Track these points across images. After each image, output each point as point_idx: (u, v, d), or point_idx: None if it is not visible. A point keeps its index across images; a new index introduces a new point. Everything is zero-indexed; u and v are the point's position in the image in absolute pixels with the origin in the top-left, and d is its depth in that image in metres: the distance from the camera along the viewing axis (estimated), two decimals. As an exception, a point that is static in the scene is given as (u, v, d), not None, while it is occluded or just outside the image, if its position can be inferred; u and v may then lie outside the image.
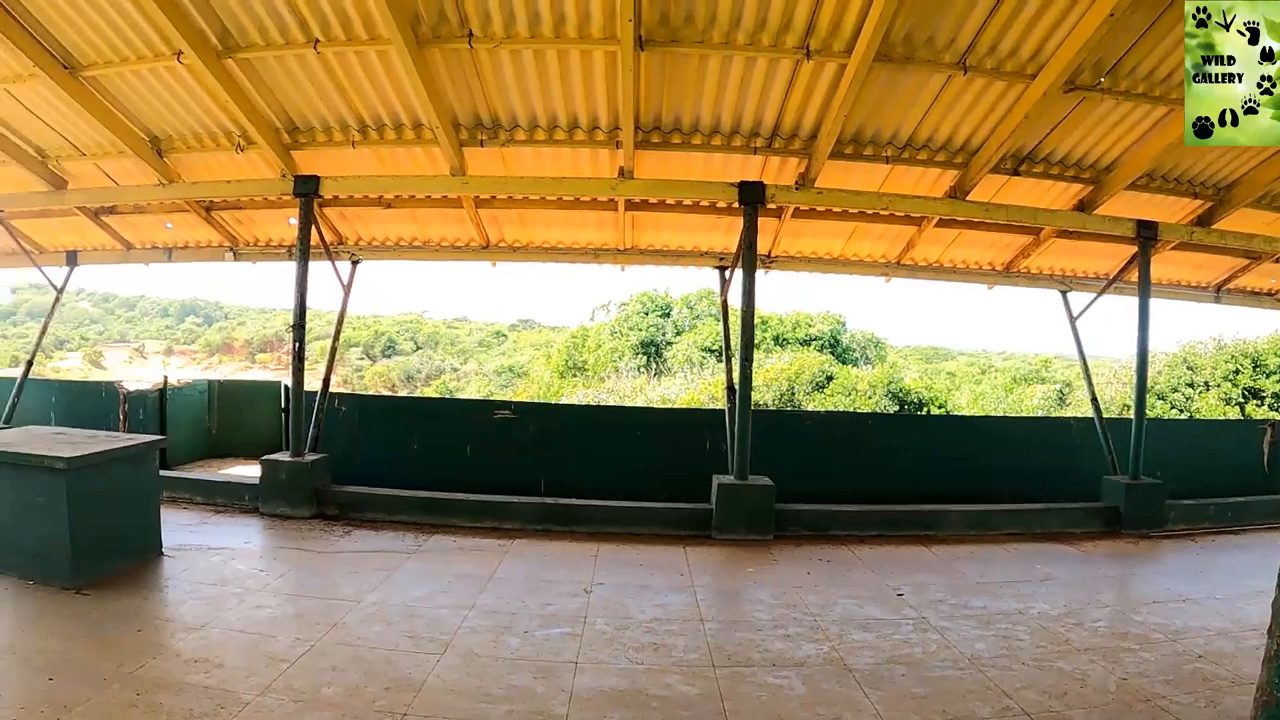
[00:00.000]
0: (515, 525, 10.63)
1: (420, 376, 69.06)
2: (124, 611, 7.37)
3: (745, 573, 9.13)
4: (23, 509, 8.08)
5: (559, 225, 12.80)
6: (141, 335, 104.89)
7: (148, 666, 6.12)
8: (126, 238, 14.69)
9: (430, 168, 11.29)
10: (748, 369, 10.64)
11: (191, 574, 8.44)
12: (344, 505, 11.10)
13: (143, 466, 8.92)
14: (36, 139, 12.40)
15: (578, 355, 46.61)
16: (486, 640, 6.82)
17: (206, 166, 12.06)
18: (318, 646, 6.58)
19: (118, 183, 12.78)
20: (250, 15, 9.27)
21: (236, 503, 11.42)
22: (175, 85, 10.57)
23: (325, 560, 9.19)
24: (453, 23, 9.06)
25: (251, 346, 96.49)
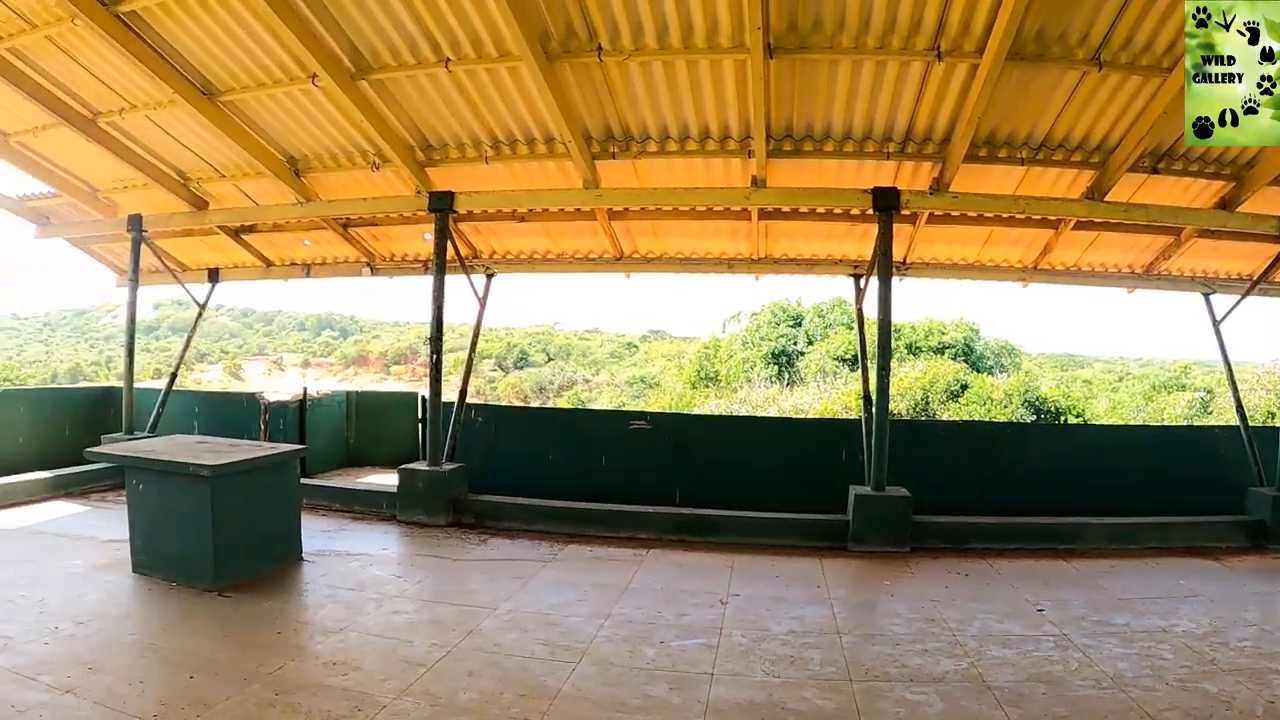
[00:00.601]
0: (650, 535, 10.61)
1: (552, 388, 69.48)
2: (264, 614, 7.58)
3: (882, 585, 8.96)
4: (169, 514, 8.40)
5: (692, 235, 12.77)
6: (279, 348, 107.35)
7: (287, 667, 6.26)
8: (266, 255, 15.15)
9: (563, 181, 11.37)
10: (885, 378, 10.47)
11: (330, 579, 8.65)
12: (480, 514, 11.23)
13: (284, 474, 9.16)
14: (178, 162, 12.87)
15: (709, 366, 46.57)
16: (622, 650, 6.79)
17: (343, 185, 12.37)
18: (454, 652, 6.63)
19: (257, 202, 13.20)
20: (382, 38, 9.46)
21: (374, 510, 11.67)
22: (311, 107, 10.86)
23: (461, 568, 9.30)
24: (581, 37, 9.10)
25: (386, 359, 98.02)
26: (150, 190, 13.51)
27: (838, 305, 44.75)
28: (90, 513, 11.84)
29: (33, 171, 13.71)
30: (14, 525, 10.91)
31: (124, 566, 8.88)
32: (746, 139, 10.32)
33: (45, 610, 7.51)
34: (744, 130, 10.26)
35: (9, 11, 10.02)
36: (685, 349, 67.51)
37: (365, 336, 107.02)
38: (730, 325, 50.87)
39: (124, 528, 9.44)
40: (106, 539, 10.08)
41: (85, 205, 14.51)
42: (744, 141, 10.39)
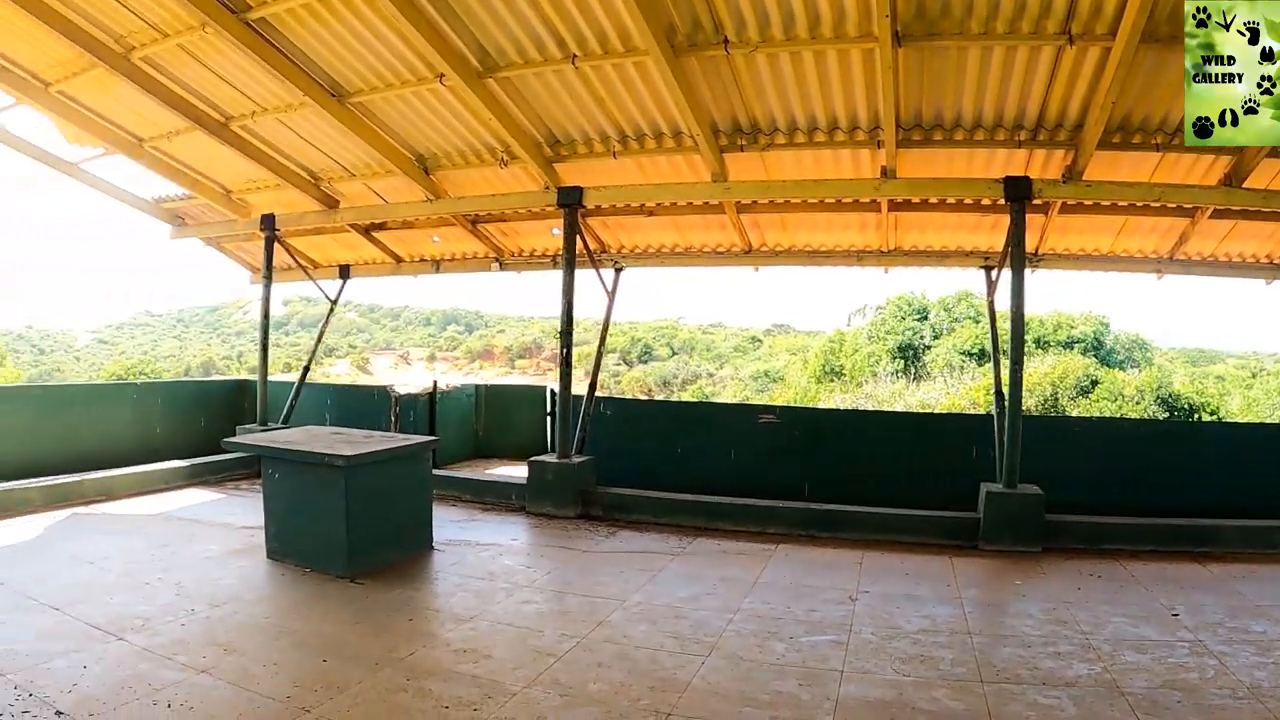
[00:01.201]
0: (779, 530, 10.53)
1: (676, 381, 69.38)
2: (396, 601, 7.74)
3: (1013, 585, 8.74)
4: (304, 502, 8.66)
5: (821, 228, 12.60)
6: (406, 343, 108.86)
7: (418, 654, 6.37)
8: (396, 251, 15.43)
9: (691, 175, 11.34)
10: (1018, 373, 10.21)
11: (461, 568, 8.79)
12: (609, 506, 11.29)
13: (417, 465, 9.34)
14: (308, 163, 13.19)
15: (834, 360, 46.12)
16: (751, 644, 6.74)
17: (471, 182, 12.51)
18: (584, 643, 6.67)
19: (386, 200, 13.46)
20: (508, 36, 9.52)
21: (504, 501, 11.86)
22: (439, 106, 11.00)
23: (590, 559, 9.36)
24: (707, 30, 9.03)
25: (511, 353, 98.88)
26: (282, 190, 13.90)
27: (964, 298, 44.09)
28: (224, 500, 12.30)
29: (168, 175, 14.16)
30: (152, 511, 11.37)
31: (258, 552, 9.18)
32: (875, 129, 10.14)
33: (182, 592, 7.81)
34: (873, 120, 10.09)
35: (142, 22, 10.34)
36: (809, 343, 66.99)
37: (490, 331, 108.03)
38: (855, 319, 50.39)
39: (257, 515, 9.71)
40: (240, 525, 10.47)
41: (219, 206, 14.95)
42: (873, 132, 10.21)
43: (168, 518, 11.04)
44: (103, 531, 10.32)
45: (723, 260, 13.41)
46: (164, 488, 12.78)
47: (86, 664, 6.03)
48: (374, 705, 5.47)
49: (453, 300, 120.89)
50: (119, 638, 6.59)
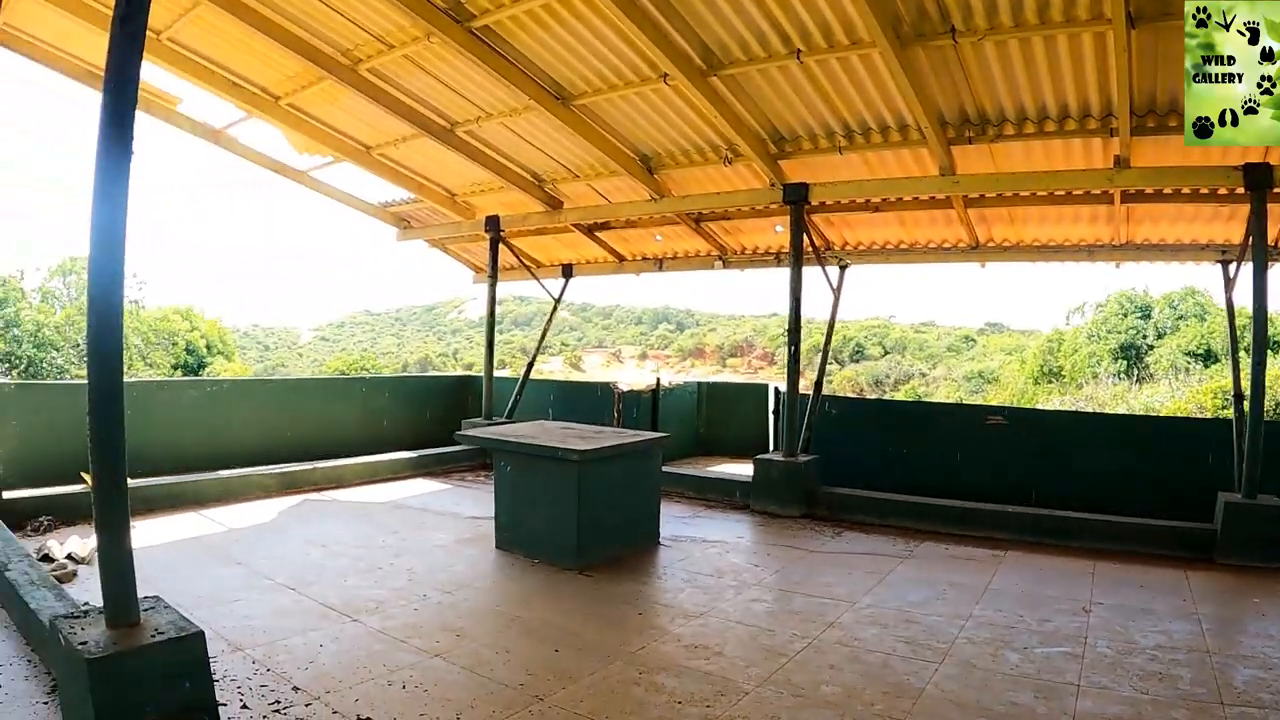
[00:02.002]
0: (1006, 535, 10.17)
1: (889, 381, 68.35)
2: (625, 594, 7.79)
3: (1251, 604, 8.14)
4: (535, 494, 8.84)
5: (1050, 221, 12.15)
6: (617, 341, 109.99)
7: (649, 648, 6.36)
8: (618, 250, 15.60)
9: (916, 168, 11.07)
10: (1260, 374, 9.63)
11: (688, 564, 8.78)
12: (833, 506, 11.15)
13: (647, 461, 9.46)
14: (532, 165, 13.42)
15: (1052, 360, 44.63)
16: (985, 652, 6.51)
17: (695, 180, 12.52)
18: (815, 644, 6.55)
19: (609, 200, 13.60)
20: (732, 34, 9.45)
21: (727, 498, 11.85)
22: (663, 105, 11.01)
23: (817, 559, 9.22)
24: (934, 19, 8.75)
25: (722, 351, 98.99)
26: (506, 193, 14.24)
27: (1190, 295, 42.03)
28: (451, 490, 12.67)
29: (394, 180, 14.68)
30: (381, 499, 11.81)
31: (486, 542, 9.42)
32: (1108, 117, 9.68)
33: (414, 578, 8.05)
34: (1104, 108, 9.64)
35: (368, 35, 10.70)
36: (1025, 342, 65.20)
37: (701, 329, 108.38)
38: (1074, 317, 48.60)
39: (483, 506, 10.04)
40: (468, 515, 10.77)
41: (444, 209, 15.38)
42: (1104, 120, 9.74)
43: (396, 505, 11.46)
44: (334, 517, 10.80)
45: (948, 257, 13.10)
46: (391, 477, 13.29)
47: (322, 643, 6.26)
48: (607, 697, 5.48)
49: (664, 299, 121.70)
50: (354, 619, 6.84)
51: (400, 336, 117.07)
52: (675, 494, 12.05)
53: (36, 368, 32.03)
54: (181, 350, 40.46)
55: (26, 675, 5.56)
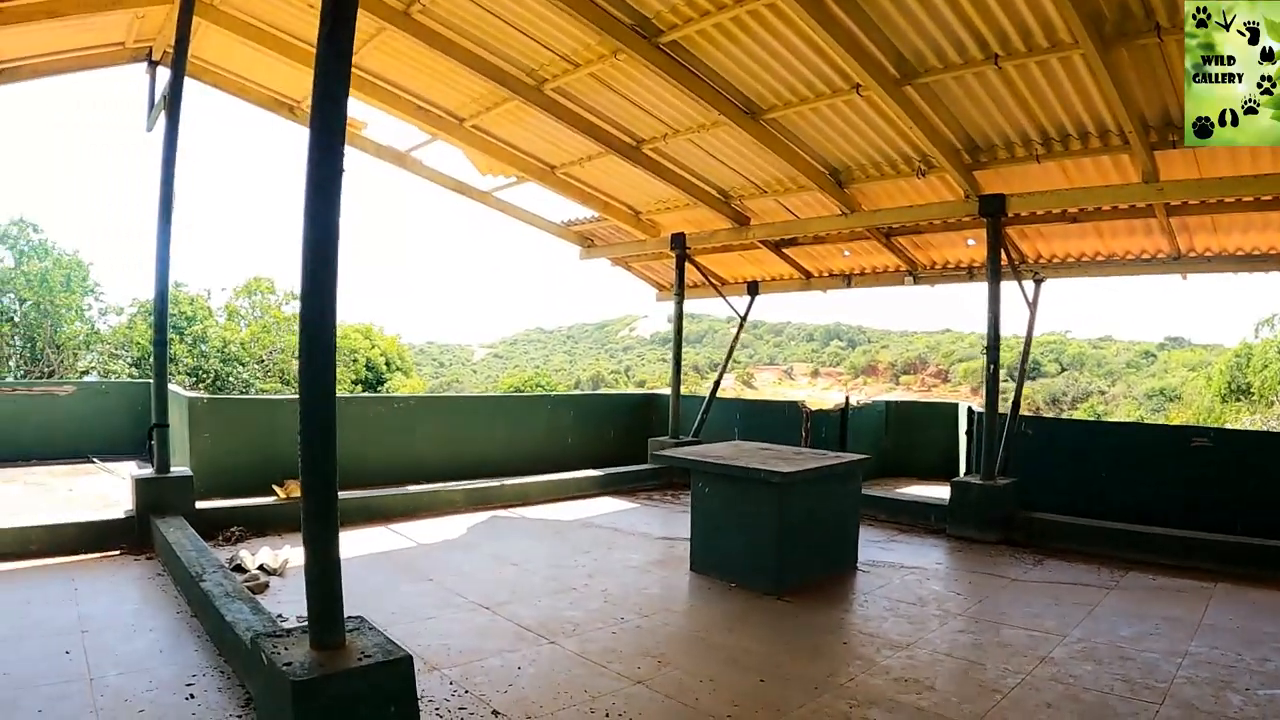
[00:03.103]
0: (1213, 565, 9.53)
1: (1066, 399, 66.83)
2: (827, 622, 7.57)
3: None
4: (733, 517, 8.65)
5: (1255, 229, 11.37)
6: (789, 358, 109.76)
7: (857, 680, 6.10)
8: (805, 267, 15.32)
9: (1117, 176, 10.56)
10: None
11: (888, 590, 8.49)
12: (1032, 532, 10.67)
13: (848, 484, 9.22)
14: (719, 181, 13.27)
15: (1241, 376, 42.67)
16: (1206, 694, 6.06)
17: (886, 193, 12.19)
18: (1028, 680, 6.21)
19: (798, 216, 13.35)
20: (927, 41, 9.14)
21: (921, 522, 11.52)
22: (854, 118, 10.72)
23: (1020, 588, 8.81)
24: (1137, 17, 8.26)
25: (895, 369, 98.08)
26: (691, 210, 14.16)
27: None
28: (638, 510, 12.55)
29: (578, 199, 14.74)
30: (569, 517, 11.81)
31: (679, 564, 9.29)
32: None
33: (609, 600, 7.96)
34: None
35: (553, 55, 10.74)
36: (1209, 358, 62.87)
37: (873, 346, 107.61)
38: (1263, 330, 46.39)
39: (672, 526, 9.97)
40: (658, 536, 10.67)
41: (627, 226, 15.37)
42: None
43: (586, 524, 11.43)
44: (523, 534, 10.84)
45: (1147, 268, 12.43)
46: (578, 495, 13.25)
47: (520, 665, 6.20)
48: (819, 732, 5.25)
49: (834, 315, 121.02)
50: (550, 641, 6.77)
51: (572, 354, 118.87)
52: (867, 517, 11.56)
53: (223, 381, 33.11)
54: (362, 367, 41.52)
55: (220, 687, 5.65)
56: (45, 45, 11.40)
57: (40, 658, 6.14)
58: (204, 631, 6.73)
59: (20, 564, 8.69)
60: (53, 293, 30.82)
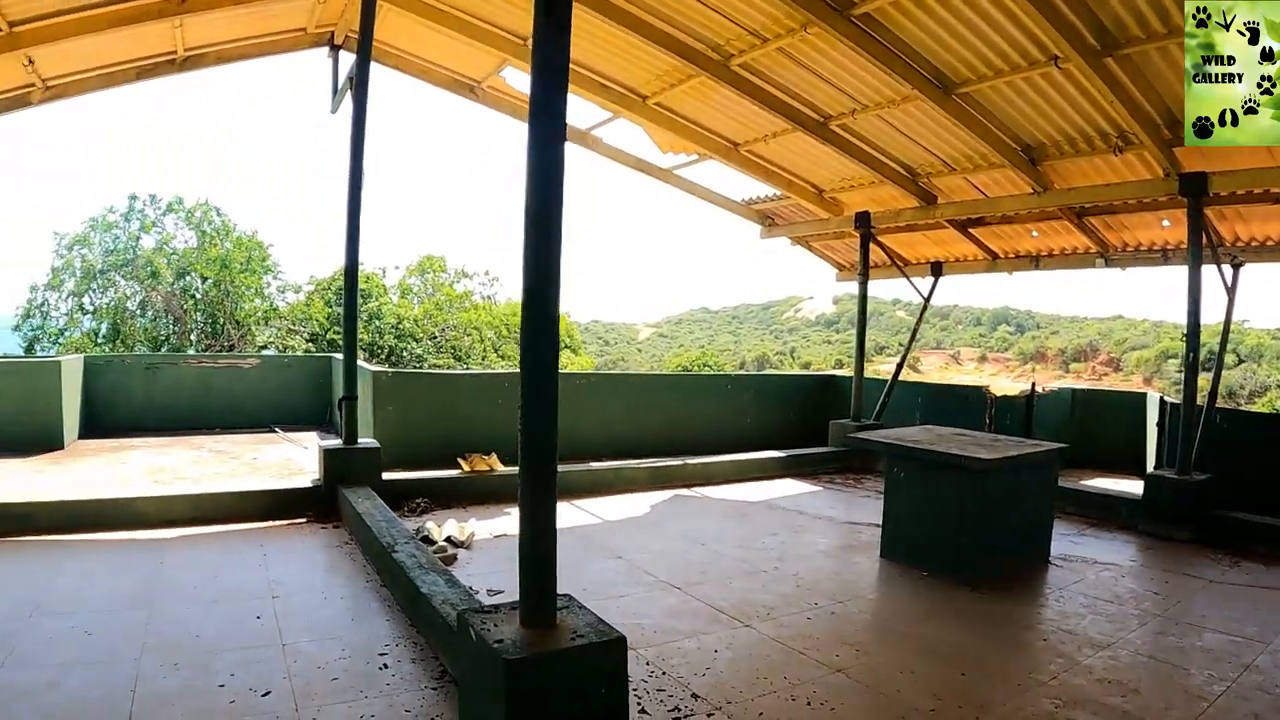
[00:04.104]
0: None
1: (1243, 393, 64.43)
2: (1024, 617, 7.36)
3: None
4: (928, 503, 8.47)
5: None
6: (955, 343, 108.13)
7: (1060, 679, 5.86)
8: (992, 248, 14.92)
9: (1330, 148, 9.90)
10: None
11: (1083, 587, 8.15)
12: (1227, 532, 10.12)
13: (1045, 473, 8.91)
14: (907, 158, 13.02)
15: None
16: None
17: (1080, 171, 11.72)
18: (1234, 688, 5.87)
19: (986, 194, 12.98)
20: (1130, 9, 8.66)
21: (1111, 517, 11.05)
22: (1050, 91, 10.32)
23: (1218, 591, 8.36)
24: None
25: (1064, 355, 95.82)
26: (877, 188, 13.90)
27: None
28: (820, 493, 12.39)
29: (761, 177, 14.57)
30: (753, 498, 11.74)
31: (867, 549, 9.16)
32: None
33: (801, 584, 7.85)
34: None
35: (740, 30, 10.64)
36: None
37: (1042, 332, 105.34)
38: None
39: (858, 510, 10.02)
40: (844, 520, 10.53)
41: (810, 205, 15.17)
42: None
43: (770, 506, 11.33)
44: (708, 514, 10.82)
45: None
46: (759, 476, 13.15)
47: (716, 648, 6.13)
48: (1027, 732, 5.10)
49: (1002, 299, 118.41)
50: (745, 624, 6.70)
51: (737, 334, 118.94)
52: (1055, 509, 11.25)
53: (396, 356, 34.14)
54: (531, 344, 42.01)
55: (413, 658, 5.74)
56: (229, 33, 11.92)
57: (232, 621, 6.36)
58: (394, 601, 6.87)
59: (211, 529, 9.06)
60: (233, 272, 32.30)
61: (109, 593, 6.96)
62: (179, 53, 11.90)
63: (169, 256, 32.73)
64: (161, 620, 6.34)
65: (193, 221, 33.41)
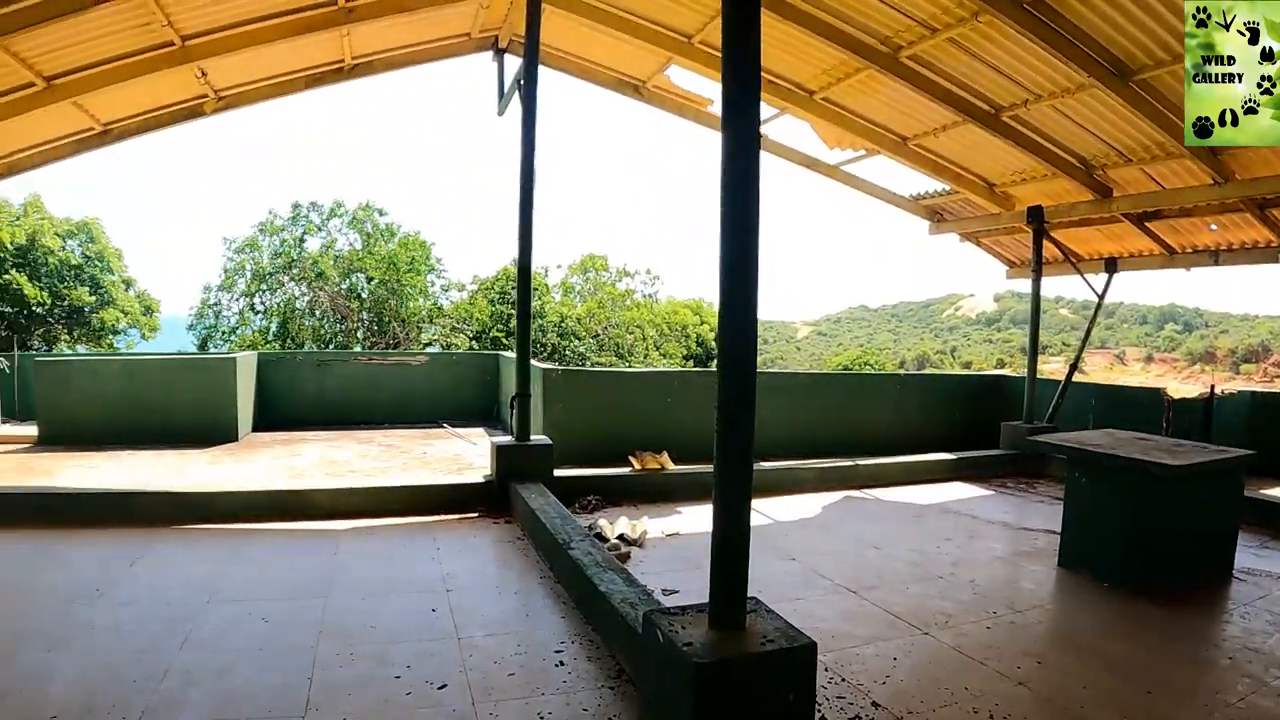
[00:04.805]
0: None
1: None
2: (1206, 632, 7.01)
3: None
4: (1111, 510, 8.12)
5: None
6: (1120, 342, 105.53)
7: (1248, 701, 5.52)
8: (1169, 242, 14.36)
9: None
10: None
11: (1268, 603, 7.68)
12: None
13: (1231, 481, 8.52)
14: (1081, 150, 12.61)
15: None
16: None
17: (1263, 160, 11.12)
18: None
19: (1164, 186, 12.47)
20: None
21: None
22: (1233, 76, 9.91)
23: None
24: None
25: (1235, 356, 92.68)
26: (1050, 181, 13.52)
27: None
28: (993, 497, 12.06)
29: (930, 171, 14.30)
30: (924, 501, 11.50)
31: (1044, 556, 8.86)
32: None
33: (978, 591, 7.63)
34: None
35: (909, 21, 10.44)
36: None
37: (1211, 331, 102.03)
38: None
39: (1029, 516, 9.88)
40: (1018, 526, 10.21)
41: (980, 200, 14.84)
42: None
43: (942, 510, 11.08)
44: (879, 517, 10.64)
45: None
46: (928, 479, 12.88)
47: (895, 655, 5.99)
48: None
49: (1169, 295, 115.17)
50: (923, 631, 6.53)
51: (896, 333, 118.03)
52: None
53: (559, 354, 34.69)
54: (693, 342, 42.42)
55: (589, 656, 5.73)
56: (395, 40, 12.30)
57: (408, 613, 6.48)
58: (568, 598, 6.90)
59: (384, 521, 9.29)
60: (398, 271, 33.11)
61: (285, 581, 7.20)
62: (346, 61, 12.32)
63: (334, 258, 33.79)
64: (337, 610, 6.51)
65: (356, 224, 34.40)
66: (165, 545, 8.27)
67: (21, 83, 10.10)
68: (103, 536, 8.45)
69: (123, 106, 11.74)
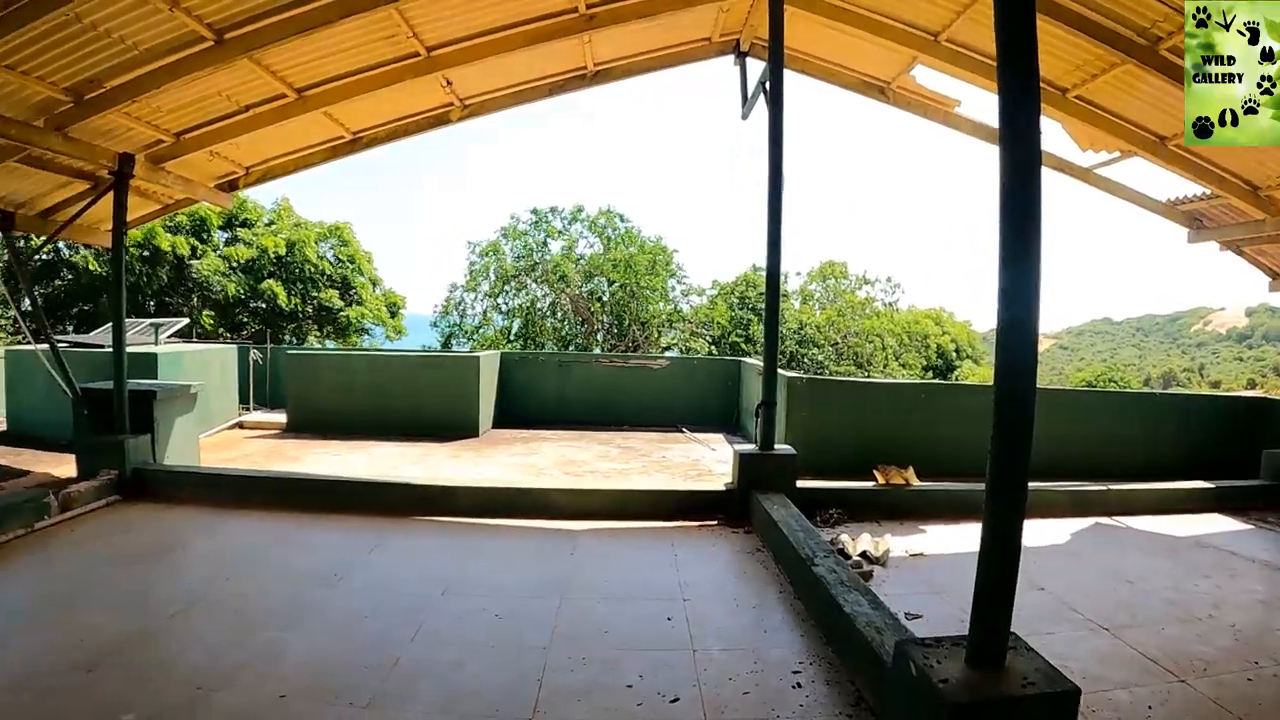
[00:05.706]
0: None
1: None
2: None
3: None
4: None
5: None
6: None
7: None
8: None
9: None
10: None
11: None
12: None
13: None
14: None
15: None
16: None
17: None
18: None
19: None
20: None
21: None
22: None
23: None
24: None
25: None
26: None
27: None
28: (1253, 533, 11.18)
29: (1190, 173, 13.44)
30: (1178, 533, 10.74)
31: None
32: None
33: (1239, 638, 7.01)
34: None
35: (1167, 9, 9.81)
36: None
37: None
38: None
39: None
40: (1277, 565, 9.44)
41: (1243, 204, 13.89)
42: None
43: (1199, 544, 10.32)
44: (1131, 548, 10.00)
45: None
46: (1181, 509, 12.03)
47: (1150, 704, 5.56)
48: None
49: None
50: (1179, 679, 6.04)
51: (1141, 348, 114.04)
52: None
53: (797, 362, 34.74)
54: (933, 353, 41.79)
55: (828, 679, 5.56)
56: (636, 46, 12.41)
57: (643, 621, 6.47)
58: (808, 616, 6.76)
59: (621, 524, 9.38)
60: (638, 275, 33.56)
61: (519, 579, 7.32)
62: (589, 68, 12.48)
63: (575, 261, 34.55)
64: (571, 612, 6.56)
65: (596, 228, 35.03)
66: (404, 535, 8.61)
67: (273, 94, 10.62)
68: (344, 523, 8.91)
69: (371, 115, 12.25)
